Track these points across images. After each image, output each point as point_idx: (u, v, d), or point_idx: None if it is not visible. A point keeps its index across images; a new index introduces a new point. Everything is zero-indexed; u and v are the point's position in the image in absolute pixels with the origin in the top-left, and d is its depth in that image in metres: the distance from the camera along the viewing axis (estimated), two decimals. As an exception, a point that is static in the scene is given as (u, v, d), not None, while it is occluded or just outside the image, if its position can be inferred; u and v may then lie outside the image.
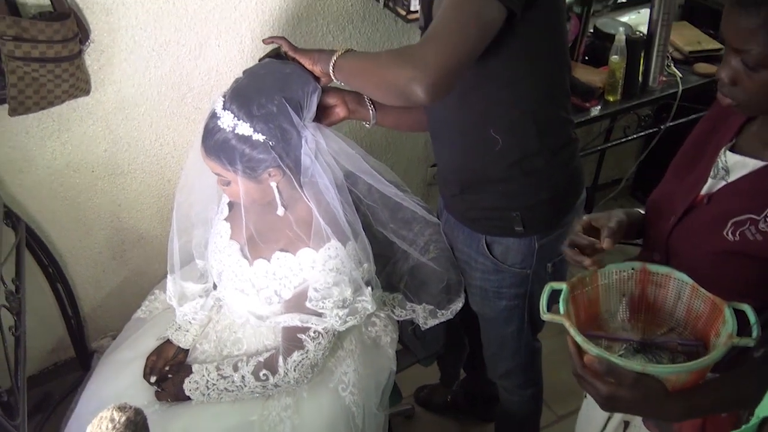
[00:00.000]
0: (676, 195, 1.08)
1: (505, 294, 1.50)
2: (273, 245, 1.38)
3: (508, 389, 1.77)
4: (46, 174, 1.78)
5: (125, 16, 1.64)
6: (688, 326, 1.07)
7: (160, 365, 1.52)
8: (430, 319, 1.55)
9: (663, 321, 1.10)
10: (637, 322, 1.12)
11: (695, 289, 1.04)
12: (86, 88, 1.65)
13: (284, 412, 1.42)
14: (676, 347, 1.05)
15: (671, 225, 1.06)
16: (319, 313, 1.37)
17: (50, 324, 2.06)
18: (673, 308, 1.08)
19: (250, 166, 1.26)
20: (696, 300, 1.05)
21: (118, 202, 1.94)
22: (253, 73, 1.32)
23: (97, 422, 0.83)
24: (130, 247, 2.05)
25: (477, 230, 1.45)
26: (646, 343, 1.06)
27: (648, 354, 1.05)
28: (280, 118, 1.26)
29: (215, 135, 1.26)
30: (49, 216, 1.86)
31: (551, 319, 1.01)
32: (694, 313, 1.06)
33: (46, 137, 1.72)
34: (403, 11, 1.86)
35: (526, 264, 1.44)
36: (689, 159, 1.10)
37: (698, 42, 2.23)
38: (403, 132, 2.31)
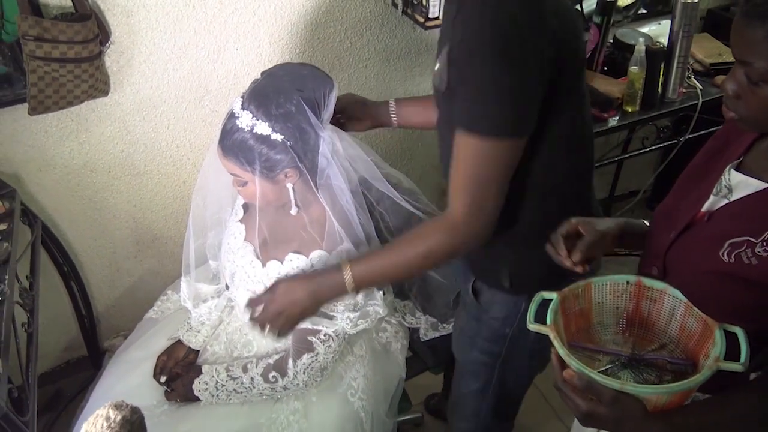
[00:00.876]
0: (678, 210, 1.05)
1: (478, 345, 1.37)
2: (286, 247, 1.38)
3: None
4: (63, 173, 1.80)
5: (145, 18, 1.65)
6: (680, 344, 1.05)
7: (171, 365, 1.53)
8: (431, 331, 1.55)
9: (655, 337, 1.07)
10: (629, 336, 1.09)
11: (689, 307, 1.01)
12: (105, 89, 1.66)
13: (293, 416, 1.41)
14: (665, 365, 1.02)
15: (670, 240, 1.04)
16: (330, 316, 1.36)
17: (63, 322, 2.07)
18: (666, 325, 1.06)
19: (267, 166, 1.26)
20: (689, 318, 1.02)
21: (134, 202, 1.95)
22: (271, 74, 1.32)
23: (93, 420, 0.82)
24: (144, 248, 2.07)
25: (468, 270, 1.37)
26: (634, 359, 1.04)
27: (635, 370, 1.02)
28: (299, 118, 1.26)
29: (233, 135, 1.26)
30: (66, 215, 1.88)
31: (537, 329, 0.98)
32: (687, 331, 1.03)
33: (64, 137, 1.74)
34: (422, 18, 1.86)
35: (507, 322, 1.31)
36: (697, 174, 1.07)
37: (719, 54, 2.20)
38: (420, 137, 2.31)
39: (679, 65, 1.98)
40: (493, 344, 1.35)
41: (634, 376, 1.01)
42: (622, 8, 2.24)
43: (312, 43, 1.90)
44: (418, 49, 2.07)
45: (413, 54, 2.07)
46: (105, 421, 0.81)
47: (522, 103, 1.02)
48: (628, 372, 1.02)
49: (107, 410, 0.82)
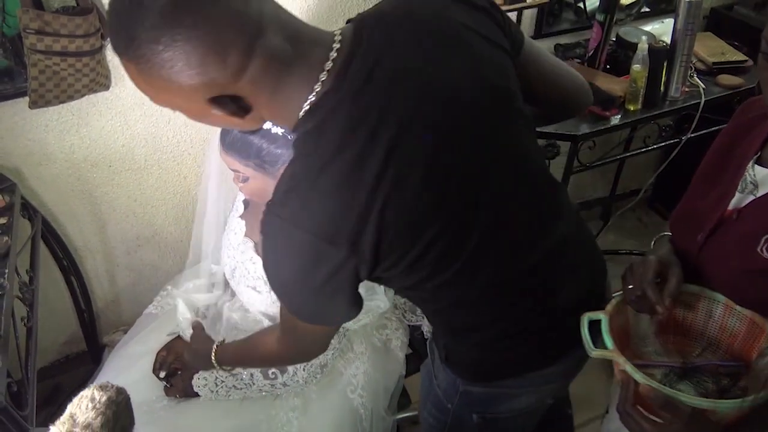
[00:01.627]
0: (701, 211, 1.04)
1: (428, 407, 1.28)
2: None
3: None
4: (64, 167, 1.79)
5: (147, 12, 1.64)
6: (721, 346, 1.03)
7: (170, 361, 1.53)
8: None
9: (694, 341, 1.06)
10: (668, 344, 1.07)
11: (729, 307, 1.00)
12: (106, 83, 1.66)
13: (292, 413, 1.41)
14: (716, 369, 1.00)
15: (700, 242, 1.03)
16: None
17: (63, 317, 2.07)
18: (703, 328, 1.04)
19: (268, 160, 1.25)
20: (730, 318, 1.00)
21: (134, 197, 1.95)
22: None
23: (77, 401, 0.79)
24: (144, 243, 2.06)
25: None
26: (686, 368, 1.01)
27: (691, 380, 1.00)
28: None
29: (234, 130, 1.25)
30: (66, 209, 1.87)
31: (601, 355, 0.95)
32: (729, 331, 1.01)
33: (65, 131, 1.73)
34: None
35: (448, 397, 1.20)
36: (712, 174, 1.06)
37: (722, 53, 2.19)
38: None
39: (681, 64, 1.98)
40: (438, 413, 1.25)
41: (694, 386, 0.99)
42: (625, 6, 2.24)
43: (314, 38, 1.89)
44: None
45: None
46: (90, 402, 0.79)
47: None
48: (686, 383, 1.00)
49: (92, 391, 0.80)
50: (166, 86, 0.78)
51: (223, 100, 0.81)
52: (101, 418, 0.77)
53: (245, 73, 0.78)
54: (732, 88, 2.07)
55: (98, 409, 0.78)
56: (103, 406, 0.78)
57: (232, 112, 0.83)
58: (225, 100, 0.81)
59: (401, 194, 0.85)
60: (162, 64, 0.75)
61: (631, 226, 2.87)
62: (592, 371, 1.05)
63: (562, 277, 1.07)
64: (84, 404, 0.78)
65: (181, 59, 0.75)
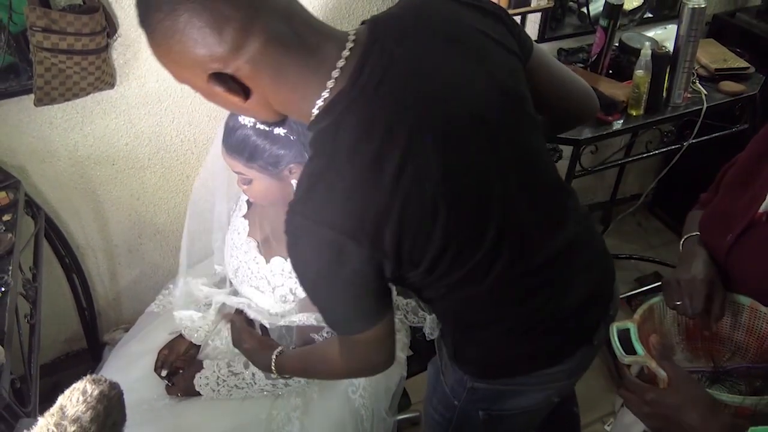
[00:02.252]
0: (732, 214, 1.06)
1: (433, 403, 1.30)
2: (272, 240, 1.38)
3: None
4: (67, 165, 1.79)
5: (153, 11, 1.65)
6: (750, 349, 1.04)
7: (172, 359, 1.53)
8: (436, 330, 1.55)
9: (722, 346, 1.07)
10: (697, 350, 1.09)
11: (754, 309, 1.01)
12: (111, 82, 1.66)
13: (293, 412, 1.42)
14: (747, 371, 1.02)
15: (729, 244, 1.04)
16: None
17: (64, 314, 2.07)
18: (731, 332, 1.06)
19: (271, 162, 1.26)
20: (756, 320, 1.02)
21: (137, 195, 1.95)
22: None
23: (68, 393, 0.76)
24: (146, 241, 2.07)
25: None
26: (717, 372, 1.03)
27: (723, 384, 1.01)
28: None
29: (236, 131, 1.26)
30: (69, 207, 1.88)
31: (633, 361, 0.97)
32: (756, 334, 1.03)
33: (69, 129, 1.73)
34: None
35: (455, 394, 1.21)
36: (744, 178, 1.07)
37: (724, 60, 2.20)
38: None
39: (684, 70, 1.98)
40: (444, 410, 1.26)
41: (727, 389, 1.01)
42: (629, 12, 2.24)
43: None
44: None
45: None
46: (81, 395, 0.76)
47: None
48: (718, 386, 1.01)
49: (84, 384, 0.77)
50: (172, 58, 0.82)
51: (224, 77, 0.82)
52: (91, 412, 0.74)
53: (243, 50, 0.80)
54: (734, 94, 2.08)
55: (89, 402, 0.75)
56: (95, 400, 0.75)
57: (233, 90, 0.84)
58: (225, 78, 0.83)
59: (420, 194, 0.86)
60: (164, 33, 0.79)
61: (631, 230, 2.87)
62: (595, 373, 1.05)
63: (570, 277, 1.08)
64: (75, 397, 0.75)
65: (179, 29, 0.78)
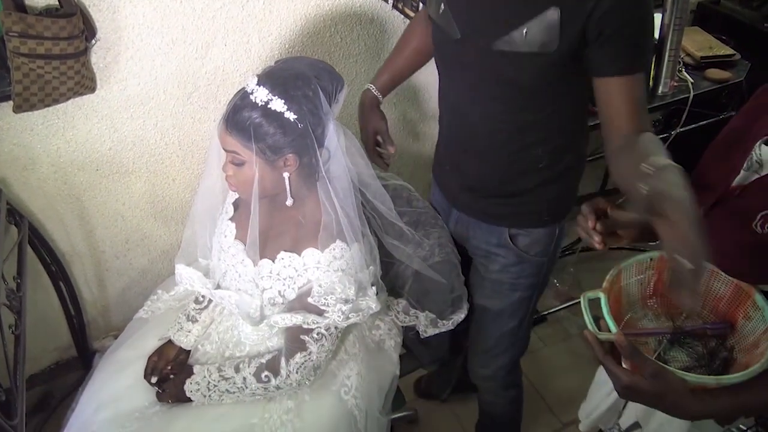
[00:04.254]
0: (706, 185, 1.07)
1: (521, 285, 1.51)
2: (278, 245, 1.36)
3: (490, 391, 1.77)
4: (50, 172, 1.77)
5: (132, 14, 1.63)
6: (706, 306, 1.11)
7: (162, 366, 1.51)
8: (431, 328, 1.54)
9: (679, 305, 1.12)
10: (656, 307, 1.15)
11: (714, 272, 1.07)
12: (92, 86, 1.64)
13: (286, 415, 1.40)
14: (705, 332, 1.08)
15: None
16: (321, 311, 1.35)
17: (52, 323, 2.05)
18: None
19: (272, 146, 1.24)
20: (715, 282, 1.08)
21: (123, 200, 1.93)
22: (287, 61, 1.33)
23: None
24: (133, 247, 2.04)
25: (500, 224, 1.45)
26: (677, 333, 1.09)
27: (682, 345, 1.07)
28: (315, 103, 1.26)
29: (244, 109, 1.23)
30: (53, 214, 1.85)
31: (607, 338, 0.97)
32: (714, 294, 1.09)
33: (50, 135, 1.71)
34: (412, 12, 1.84)
35: (546, 252, 1.47)
36: (723, 151, 1.09)
37: (710, 47, 2.20)
38: (410, 135, 2.29)
39: (670, 58, 1.98)
40: (534, 278, 1.50)
41: (686, 351, 1.07)
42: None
43: (302, 38, 1.88)
44: (409, 43, 2.05)
45: (404, 49, 2.06)
46: None
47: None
48: (677, 348, 1.08)
49: None
50: None
51: None
52: None
53: None
54: (720, 82, 2.08)
55: None
56: None
57: None
58: None
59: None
60: None
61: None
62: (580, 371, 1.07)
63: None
64: None
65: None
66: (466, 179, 1.46)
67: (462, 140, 1.42)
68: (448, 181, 1.53)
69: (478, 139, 1.37)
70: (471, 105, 1.33)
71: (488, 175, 1.41)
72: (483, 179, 1.43)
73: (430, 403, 2.20)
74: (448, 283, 1.50)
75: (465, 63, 1.27)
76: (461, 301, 1.53)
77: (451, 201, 1.54)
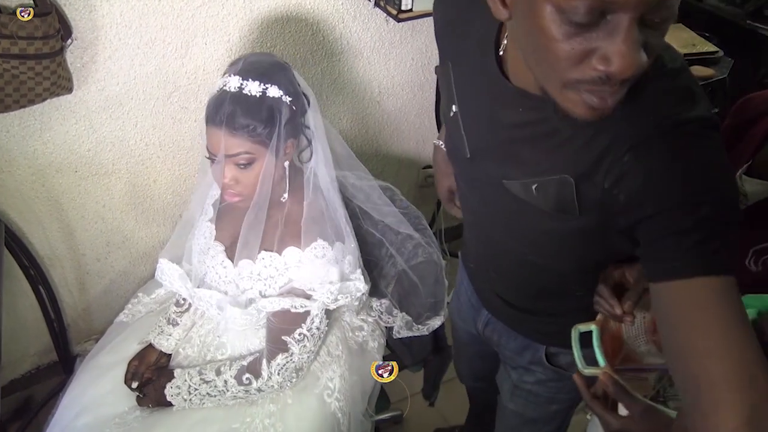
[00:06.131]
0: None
1: (560, 399, 1.33)
2: (258, 245, 1.35)
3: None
4: (27, 174, 1.74)
5: (109, 13, 1.60)
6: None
7: (143, 370, 1.49)
8: (404, 330, 1.53)
9: None
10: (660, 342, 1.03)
11: None
12: (69, 86, 1.61)
13: (268, 419, 1.38)
14: None
15: None
16: (308, 295, 1.33)
17: (33, 327, 2.02)
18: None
19: (279, 132, 1.25)
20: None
21: (103, 202, 1.90)
22: (252, 55, 1.33)
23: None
24: (114, 249, 2.01)
25: (538, 341, 1.26)
26: None
27: None
28: (295, 86, 1.30)
29: (242, 105, 1.22)
30: (31, 217, 1.82)
31: (593, 373, 0.93)
32: None
33: (27, 136, 1.68)
34: (394, 10, 1.82)
35: (570, 391, 1.28)
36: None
37: (693, 44, 2.20)
38: (395, 134, 2.28)
39: (653, 56, 1.98)
40: (574, 392, 1.16)
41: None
42: None
43: (283, 37, 1.86)
44: (392, 41, 2.04)
45: (387, 47, 2.04)
46: None
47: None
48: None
49: None
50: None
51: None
52: None
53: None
54: (704, 79, 2.08)
55: None
56: None
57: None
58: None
59: None
60: None
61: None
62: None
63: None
64: None
65: None
66: (496, 288, 1.25)
67: (484, 253, 1.22)
68: (477, 278, 1.33)
69: (500, 258, 1.16)
70: (489, 223, 1.11)
71: (517, 296, 1.22)
72: (512, 296, 1.23)
73: (416, 403, 2.19)
74: (429, 287, 1.48)
75: (478, 183, 1.04)
76: (439, 307, 1.52)
77: (481, 299, 1.34)
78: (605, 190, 0.81)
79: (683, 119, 0.75)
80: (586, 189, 0.83)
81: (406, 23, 1.93)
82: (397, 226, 1.53)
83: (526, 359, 1.29)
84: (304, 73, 1.94)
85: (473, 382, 1.69)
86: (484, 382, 1.48)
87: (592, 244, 0.93)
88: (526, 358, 1.29)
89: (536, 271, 1.08)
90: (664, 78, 0.78)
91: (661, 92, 0.77)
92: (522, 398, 1.36)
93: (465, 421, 1.96)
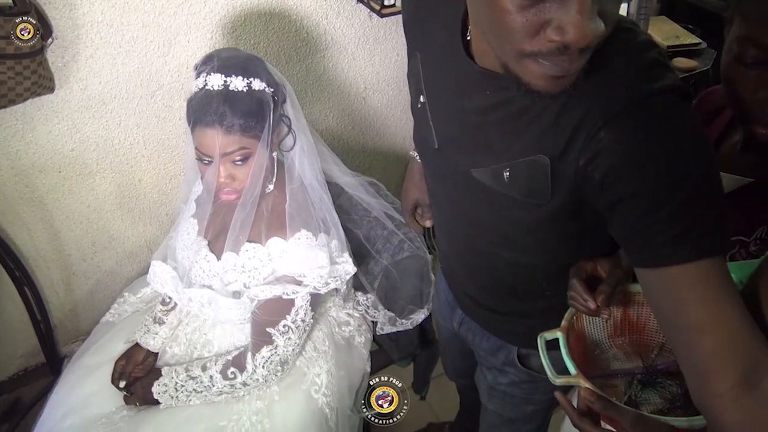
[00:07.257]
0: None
1: (535, 400, 1.32)
2: (241, 238, 1.34)
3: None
4: (10, 175, 1.73)
5: (90, 11, 1.59)
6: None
7: (130, 370, 1.49)
8: (388, 326, 1.53)
9: (650, 339, 1.03)
10: (625, 346, 1.04)
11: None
12: (50, 86, 1.60)
13: (255, 416, 1.38)
14: (677, 369, 0.94)
15: None
16: (299, 281, 1.33)
17: (19, 329, 2.00)
18: (658, 325, 1.02)
19: (269, 123, 1.25)
20: None
21: (87, 203, 1.89)
22: (221, 51, 1.31)
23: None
24: (100, 249, 2.00)
25: (509, 342, 1.25)
26: (649, 373, 0.98)
27: (656, 385, 0.97)
28: (273, 75, 1.30)
29: (229, 102, 1.21)
30: (15, 218, 1.81)
31: (566, 383, 0.90)
32: None
33: (9, 137, 1.67)
34: (377, 6, 1.83)
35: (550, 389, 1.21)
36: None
37: (677, 37, 2.21)
38: (381, 130, 2.28)
39: (636, 48, 1.99)
40: (550, 392, 1.11)
41: (659, 392, 0.96)
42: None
43: (267, 33, 1.85)
44: (376, 37, 2.04)
45: (371, 42, 2.04)
46: None
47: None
48: (651, 390, 0.96)
49: None
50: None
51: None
52: None
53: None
54: (687, 70, 2.09)
55: None
56: None
57: None
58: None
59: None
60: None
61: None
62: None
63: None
64: None
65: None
66: (465, 287, 1.24)
67: (453, 251, 1.20)
68: (449, 276, 1.33)
69: (467, 256, 1.15)
70: (455, 220, 1.10)
71: (486, 296, 1.20)
72: (481, 296, 1.21)
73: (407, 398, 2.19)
74: (415, 282, 1.48)
75: (445, 176, 1.03)
76: (423, 301, 1.52)
77: (456, 298, 1.33)
78: (579, 168, 0.80)
79: (655, 89, 0.75)
80: (559, 167, 0.82)
81: (390, 18, 1.92)
82: (384, 221, 1.53)
83: (500, 360, 1.28)
84: (288, 69, 1.94)
85: (458, 378, 1.70)
86: (469, 380, 1.48)
87: (562, 234, 0.92)
88: (500, 358, 1.28)
89: (505, 269, 1.07)
90: (632, 51, 0.78)
91: (629, 64, 0.77)
92: (499, 399, 1.35)
93: (456, 416, 1.97)
